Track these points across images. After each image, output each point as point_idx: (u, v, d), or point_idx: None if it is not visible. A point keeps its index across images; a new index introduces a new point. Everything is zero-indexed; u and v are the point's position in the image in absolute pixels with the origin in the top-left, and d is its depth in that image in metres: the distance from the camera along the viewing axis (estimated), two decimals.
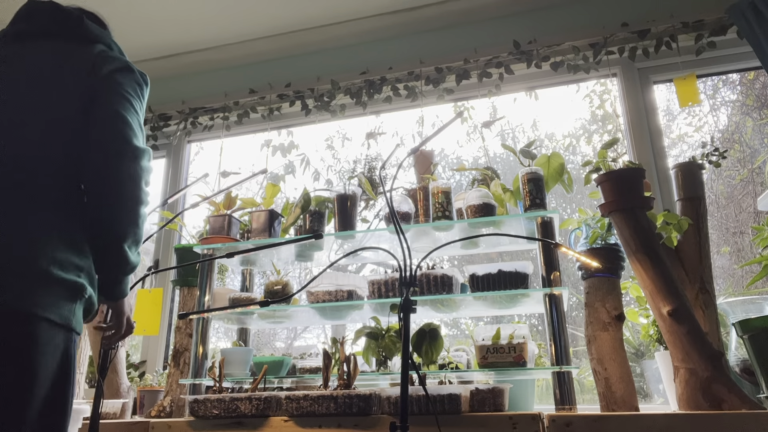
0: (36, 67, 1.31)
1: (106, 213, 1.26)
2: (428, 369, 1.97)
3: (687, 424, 1.49)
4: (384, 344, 2.07)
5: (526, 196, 2.06)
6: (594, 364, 1.83)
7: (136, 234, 1.30)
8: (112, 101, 1.31)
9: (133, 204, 1.28)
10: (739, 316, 1.69)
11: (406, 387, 1.26)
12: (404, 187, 2.43)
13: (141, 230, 1.32)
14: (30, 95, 1.27)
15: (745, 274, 2.73)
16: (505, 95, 2.91)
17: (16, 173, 1.19)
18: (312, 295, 2.23)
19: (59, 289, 1.15)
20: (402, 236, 1.45)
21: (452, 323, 3.83)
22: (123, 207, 1.27)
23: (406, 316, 1.34)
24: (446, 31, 2.98)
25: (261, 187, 3.22)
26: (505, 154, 4.62)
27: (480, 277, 2.05)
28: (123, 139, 1.29)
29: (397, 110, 3.02)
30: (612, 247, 1.94)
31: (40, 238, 1.16)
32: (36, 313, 1.11)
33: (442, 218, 2.14)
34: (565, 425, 1.57)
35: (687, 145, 3.45)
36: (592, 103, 3.31)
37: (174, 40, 3.22)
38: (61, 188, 1.25)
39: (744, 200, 3.16)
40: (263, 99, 3.10)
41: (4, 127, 1.23)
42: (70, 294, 1.18)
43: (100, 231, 1.27)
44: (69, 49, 1.35)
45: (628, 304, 2.15)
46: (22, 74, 1.30)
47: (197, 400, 1.94)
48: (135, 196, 1.28)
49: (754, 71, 2.93)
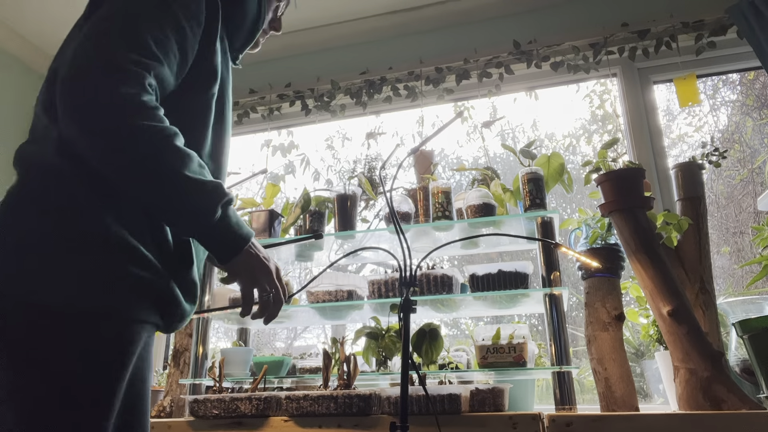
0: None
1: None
2: (428, 369, 1.97)
3: (687, 424, 1.49)
4: (384, 344, 2.07)
5: (526, 196, 2.06)
6: (594, 364, 1.83)
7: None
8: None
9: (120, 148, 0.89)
10: (739, 316, 1.69)
11: (406, 387, 1.26)
12: (404, 187, 2.43)
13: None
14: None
15: (745, 274, 2.73)
16: (505, 95, 2.91)
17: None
18: (312, 295, 2.23)
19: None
20: (402, 236, 1.45)
21: (452, 323, 3.83)
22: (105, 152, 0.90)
23: (406, 316, 1.34)
24: (446, 31, 2.98)
25: (261, 187, 3.22)
26: (505, 154, 4.62)
27: (480, 277, 2.05)
28: (89, 47, 0.93)
29: (397, 110, 3.02)
30: (612, 247, 1.94)
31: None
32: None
33: (442, 218, 2.14)
34: (565, 425, 1.57)
35: (687, 145, 3.45)
36: (592, 103, 3.31)
37: None
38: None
39: (744, 200, 3.16)
40: (263, 99, 3.10)
41: None
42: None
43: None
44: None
45: (628, 304, 2.15)
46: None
47: (197, 400, 1.94)
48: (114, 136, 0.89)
49: (754, 71, 2.93)
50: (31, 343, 0.87)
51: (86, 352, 0.89)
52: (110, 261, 0.91)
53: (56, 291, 0.88)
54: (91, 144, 0.90)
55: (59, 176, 0.94)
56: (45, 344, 0.87)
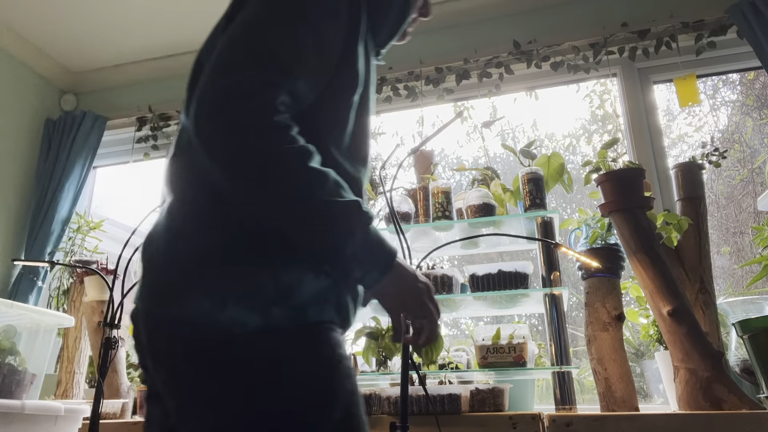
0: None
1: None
2: (428, 369, 1.97)
3: (687, 424, 1.49)
4: (384, 344, 2.07)
5: (526, 196, 2.06)
6: (594, 364, 1.83)
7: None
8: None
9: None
10: (739, 316, 1.69)
11: (406, 387, 1.26)
12: (404, 187, 2.43)
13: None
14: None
15: (745, 274, 2.73)
16: (505, 95, 2.91)
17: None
18: None
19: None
20: (402, 236, 1.45)
21: (452, 323, 3.83)
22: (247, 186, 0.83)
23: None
24: (446, 31, 2.98)
25: None
26: (505, 154, 4.62)
27: (480, 277, 2.05)
28: (216, 68, 0.86)
29: (397, 110, 3.02)
30: (612, 247, 1.94)
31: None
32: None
33: (442, 218, 2.14)
34: (565, 425, 1.57)
35: (687, 145, 3.45)
36: (592, 103, 3.31)
37: (174, 40, 3.22)
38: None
39: (744, 200, 3.17)
40: None
41: None
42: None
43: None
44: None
45: (628, 304, 2.15)
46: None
47: None
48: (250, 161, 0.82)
49: (754, 71, 2.93)
50: (247, 368, 0.81)
51: (314, 363, 0.84)
52: (299, 272, 0.86)
53: (260, 309, 0.82)
54: (221, 174, 0.84)
55: (218, 193, 0.87)
56: (266, 367, 0.81)
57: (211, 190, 0.88)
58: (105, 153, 3.38)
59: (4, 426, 1.60)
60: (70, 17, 3.03)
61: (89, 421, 1.54)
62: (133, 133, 3.28)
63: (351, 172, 0.99)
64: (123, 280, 1.83)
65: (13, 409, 1.62)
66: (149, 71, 3.40)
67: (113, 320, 1.73)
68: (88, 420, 1.57)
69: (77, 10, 2.98)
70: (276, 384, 0.80)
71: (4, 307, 1.83)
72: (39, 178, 3.16)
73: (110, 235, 3.20)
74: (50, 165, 3.14)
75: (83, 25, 3.10)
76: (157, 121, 3.26)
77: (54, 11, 2.98)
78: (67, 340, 2.45)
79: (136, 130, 3.28)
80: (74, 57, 3.36)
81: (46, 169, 3.14)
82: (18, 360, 1.84)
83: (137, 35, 3.18)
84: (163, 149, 3.33)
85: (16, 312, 1.88)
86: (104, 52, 3.33)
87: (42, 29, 3.12)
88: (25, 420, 1.66)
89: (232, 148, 0.82)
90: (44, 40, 3.21)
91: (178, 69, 3.35)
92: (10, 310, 1.86)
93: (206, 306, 0.82)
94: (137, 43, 3.24)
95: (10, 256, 3.00)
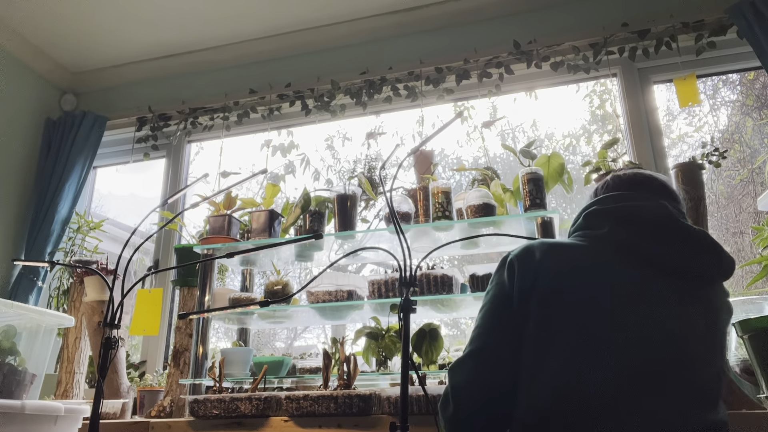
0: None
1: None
2: (428, 369, 1.97)
3: None
4: (384, 344, 2.07)
5: (526, 196, 2.05)
6: None
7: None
8: None
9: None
10: (739, 316, 1.69)
11: (406, 387, 1.26)
12: (404, 187, 2.43)
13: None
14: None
15: (745, 274, 2.73)
16: (505, 95, 2.91)
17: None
18: (312, 295, 2.23)
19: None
20: (402, 236, 1.45)
21: (452, 323, 3.83)
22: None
23: (406, 316, 1.34)
24: (446, 31, 2.98)
25: (261, 187, 3.22)
26: (505, 154, 4.62)
27: (480, 277, 2.05)
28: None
29: (397, 110, 3.02)
30: None
31: None
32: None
33: (442, 218, 2.14)
34: None
35: (687, 145, 3.45)
36: (592, 103, 3.31)
37: (174, 40, 3.23)
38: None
39: (744, 200, 3.17)
40: (263, 99, 3.10)
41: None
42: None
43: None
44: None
45: None
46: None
47: (197, 400, 1.94)
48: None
49: (754, 71, 2.93)
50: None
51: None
52: None
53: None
54: None
55: None
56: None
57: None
58: (105, 153, 3.38)
59: (4, 426, 1.60)
60: (70, 17, 3.03)
61: (89, 421, 1.53)
62: (133, 133, 3.28)
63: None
64: (123, 280, 1.83)
65: (13, 409, 1.62)
66: (149, 71, 3.40)
67: (113, 320, 1.73)
68: (88, 420, 1.57)
69: (77, 10, 2.98)
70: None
71: (4, 307, 1.83)
72: (39, 178, 3.16)
73: (110, 235, 3.21)
74: (50, 165, 3.14)
75: (83, 25, 3.10)
76: (157, 121, 3.26)
77: (54, 11, 2.98)
78: (67, 340, 2.45)
79: (136, 130, 3.28)
80: (74, 57, 3.36)
81: (46, 169, 3.14)
82: (18, 360, 1.84)
83: (137, 35, 3.18)
84: (163, 149, 3.34)
85: (16, 312, 1.88)
86: (104, 52, 3.33)
87: (42, 29, 3.13)
88: (25, 420, 1.66)
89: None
90: (44, 39, 3.21)
91: (178, 69, 3.36)
92: (10, 310, 1.86)
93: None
94: (137, 43, 3.24)
95: (10, 256, 3.00)
